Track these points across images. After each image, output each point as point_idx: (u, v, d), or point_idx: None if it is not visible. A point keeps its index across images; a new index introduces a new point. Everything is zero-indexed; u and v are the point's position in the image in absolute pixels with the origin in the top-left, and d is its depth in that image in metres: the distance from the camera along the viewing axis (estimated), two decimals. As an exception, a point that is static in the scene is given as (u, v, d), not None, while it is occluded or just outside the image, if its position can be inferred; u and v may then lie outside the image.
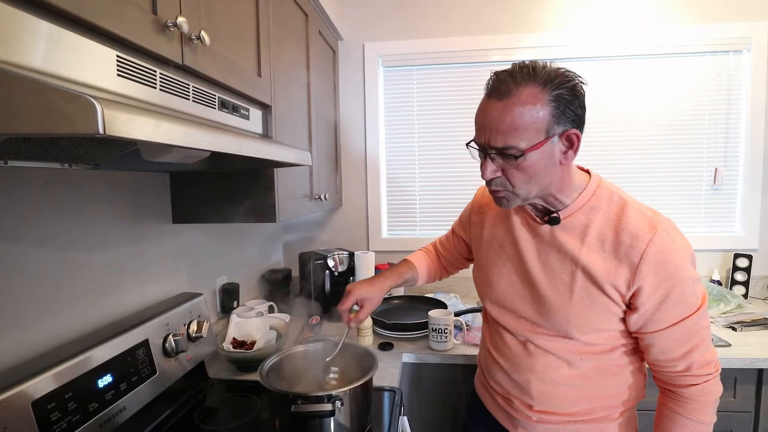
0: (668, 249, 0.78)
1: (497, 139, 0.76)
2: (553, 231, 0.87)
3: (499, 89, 0.76)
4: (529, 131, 0.75)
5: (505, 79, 0.76)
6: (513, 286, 0.94)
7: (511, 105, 0.74)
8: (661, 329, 0.81)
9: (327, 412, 0.85)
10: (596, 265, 0.82)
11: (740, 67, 1.87)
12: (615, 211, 0.83)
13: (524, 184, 0.80)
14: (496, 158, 0.79)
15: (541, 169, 0.78)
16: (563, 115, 0.76)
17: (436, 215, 2.10)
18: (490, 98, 0.78)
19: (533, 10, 1.94)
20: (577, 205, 0.85)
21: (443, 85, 2.03)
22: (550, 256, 0.88)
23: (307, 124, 1.54)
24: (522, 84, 0.75)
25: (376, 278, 1.12)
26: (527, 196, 0.82)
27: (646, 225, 0.80)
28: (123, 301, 1.08)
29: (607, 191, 0.86)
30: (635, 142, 1.93)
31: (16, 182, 0.81)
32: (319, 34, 1.69)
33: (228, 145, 0.69)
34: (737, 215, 1.93)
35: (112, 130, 0.43)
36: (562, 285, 0.86)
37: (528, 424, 0.94)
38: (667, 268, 0.78)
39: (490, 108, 0.77)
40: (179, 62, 0.76)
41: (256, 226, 1.84)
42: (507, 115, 0.75)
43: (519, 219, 0.94)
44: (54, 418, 0.75)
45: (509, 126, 0.75)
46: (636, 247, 0.78)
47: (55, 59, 0.53)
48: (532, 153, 0.76)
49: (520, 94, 0.74)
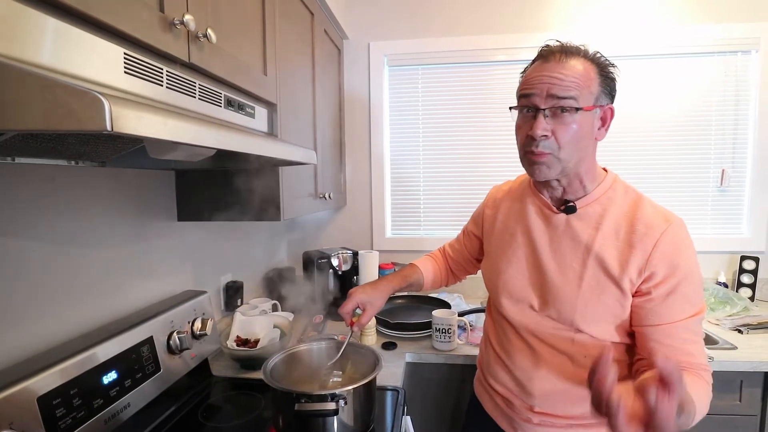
0: (681, 242, 0.80)
1: (559, 90, 0.79)
2: (569, 220, 0.88)
3: (559, 51, 0.81)
4: (584, 92, 0.79)
5: (560, 48, 0.82)
6: (522, 273, 0.94)
7: (574, 64, 0.80)
8: (665, 324, 0.80)
9: (330, 411, 0.85)
10: (609, 253, 0.83)
11: (748, 68, 1.86)
12: (630, 203, 0.86)
13: (570, 147, 0.81)
14: (548, 117, 0.80)
15: (584, 134, 0.82)
16: (606, 90, 0.83)
17: (441, 214, 2.10)
18: (548, 60, 0.82)
19: (539, 9, 1.93)
20: (595, 195, 0.88)
21: (448, 85, 2.03)
22: (562, 244, 0.89)
23: (312, 122, 1.54)
24: (574, 55, 0.81)
25: (379, 282, 1.12)
26: (567, 162, 0.82)
27: (660, 217, 0.82)
28: (128, 298, 1.08)
29: (623, 186, 0.90)
30: (642, 142, 1.92)
31: (23, 179, 0.81)
32: (324, 33, 1.69)
33: (234, 143, 0.69)
34: (744, 217, 1.92)
35: (120, 127, 0.43)
36: (572, 273, 0.86)
37: (528, 426, 0.93)
38: (679, 258, 0.79)
39: (552, 65, 0.81)
40: (186, 60, 0.77)
41: (261, 225, 1.84)
42: (570, 71, 0.79)
43: (533, 208, 0.95)
44: (59, 414, 0.75)
45: (572, 80, 0.79)
46: (650, 235, 0.80)
47: (62, 56, 0.53)
48: (585, 113, 0.80)
49: (577, 61, 0.81)
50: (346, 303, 1.04)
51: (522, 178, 1.05)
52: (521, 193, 1.01)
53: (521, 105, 0.84)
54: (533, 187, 0.96)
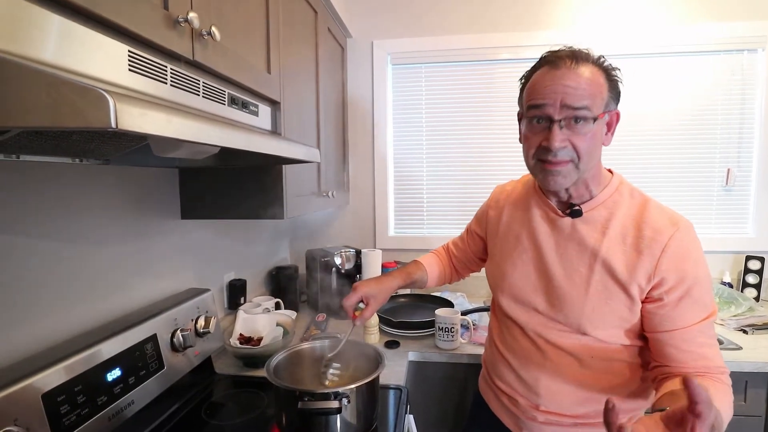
0: (690, 245, 0.79)
1: (573, 99, 0.76)
2: (574, 224, 0.87)
3: (569, 58, 0.79)
4: (597, 99, 0.78)
5: (570, 54, 0.80)
6: (527, 277, 0.93)
7: (584, 72, 0.78)
8: (680, 328, 0.79)
9: (334, 409, 0.85)
10: (617, 258, 0.82)
11: (755, 66, 1.84)
12: (637, 207, 0.85)
13: (588, 156, 0.80)
14: (564, 127, 0.78)
15: (597, 142, 0.81)
16: (613, 95, 0.81)
17: (444, 213, 2.10)
18: (557, 67, 0.79)
19: (543, 7, 1.92)
20: (601, 199, 0.86)
21: (452, 83, 2.02)
22: (568, 249, 0.88)
23: (315, 121, 1.54)
24: (584, 62, 0.79)
25: (383, 277, 1.12)
26: (585, 169, 0.81)
27: (667, 221, 0.81)
28: (131, 296, 1.08)
29: (629, 188, 0.88)
30: (647, 141, 1.91)
31: (27, 176, 0.81)
32: (328, 32, 1.68)
33: (238, 141, 0.69)
34: (750, 216, 1.90)
35: (124, 124, 0.43)
36: (579, 277, 0.85)
37: (533, 425, 0.93)
38: (688, 262, 0.78)
39: (563, 73, 0.78)
40: (190, 58, 0.76)
41: (264, 223, 1.84)
42: (581, 79, 0.77)
43: (539, 212, 0.94)
44: (63, 410, 0.75)
45: (585, 89, 0.77)
46: (657, 240, 0.79)
47: (66, 53, 0.53)
48: (598, 120, 0.79)
49: (587, 68, 0.78)
50: (351, 296, 1.04)
51: (527, 178, 1.04)
52: (526, 195, 0.99)
53: (532, 115, 0.81)
54: (538, 190, 0.95)
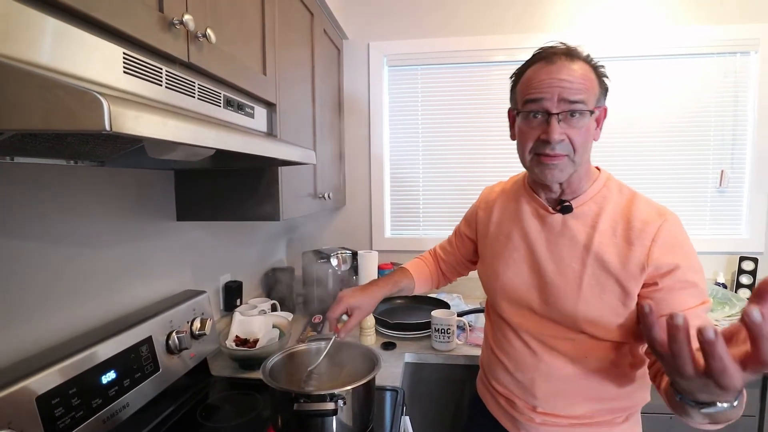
0: (678, 234, 0.81)
1: (570, 93, 0.78)
2: (565, 220, 0.89)
3: (564, 54, 0.81)
4: (590, 94, 0.80)
5: (565, 51, 0.82)
6: (520, 275, 0.94)
7: (578, 68, 0.80)
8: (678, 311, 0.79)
9: (329, 411, 0.85)
10: (609, 251, 0.83)
11: (748, 69, 1.86)
12: (625, 201, 0.86)
13: (582, 149, 0.82)
14: (561, 121, 0.80)
15: (590, 136, 0.83)
16: (602, 91, 0.84)
17: (440, 215, 2.10)
18: (552, 62, 0.81)
19: (538, 9, 1.94)
20: (590, 194, 0.88)
21: (448, 85, 2.03)
22: (560, 245, 0.88)
23: (311, 122, 1.54)
24: (577, 58, 0.81)
25: (369, 286, 1.09)
26: (579, 162, 0.83)
27: (655, 213, 0.83)
28: (127, 298, 1.08)
29: (617, 184, 0.90)
30: (640, 143, 1.93)
31: (22, 179, 0.81)
32: (324, 33, 1.69)
33: (233, 143, 0.69)
34: (743, 218, 1.92)
35: (119, 127, 0.43)
36: (571, 273, 0.86)
37: (531, 426, 0.93)
38: (679, 249, 0.80)
39: (559, 68, 0.80)
40: (185, 60, 0.77)
41: (260, 225, 1.84)
42: (577, 74, 0.79)
43: (529, 209, 0.94)
44: (58, 413, 0.75)
45: (580, 83, 0.79)
46: (647, 230, 0.81)
47: (61, 56, 0.53)
48: (593, 114, 0.81)
49: (580, 65, 0.81)
50: (336, 307, 1.01)
51: (515, 178, 1.05)
52: (515, 193, 1.00)
53: (529, 110, 0.82)
54: (528, 188, 0.96)
